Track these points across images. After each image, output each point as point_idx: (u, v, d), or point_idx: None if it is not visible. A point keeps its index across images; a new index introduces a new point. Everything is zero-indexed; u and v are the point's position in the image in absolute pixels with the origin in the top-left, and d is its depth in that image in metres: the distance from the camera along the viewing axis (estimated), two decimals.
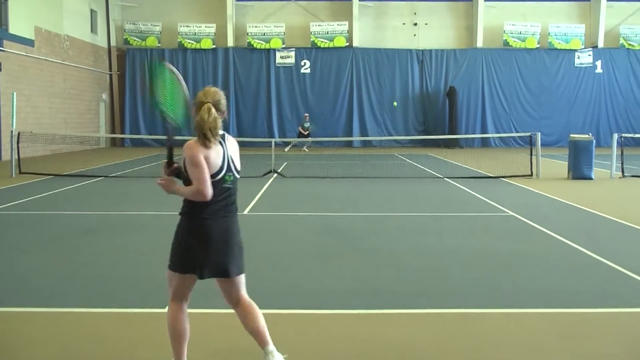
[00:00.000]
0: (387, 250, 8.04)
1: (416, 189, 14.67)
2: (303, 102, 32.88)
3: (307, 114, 30.26)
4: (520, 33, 32.68)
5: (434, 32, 33.48)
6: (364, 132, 32.47)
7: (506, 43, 32.78)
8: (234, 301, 3.95)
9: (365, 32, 33.32)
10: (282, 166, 19.54)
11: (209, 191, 3.63)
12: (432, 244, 8.43)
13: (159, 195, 13.54)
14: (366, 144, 32.56)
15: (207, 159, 3.64)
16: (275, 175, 16.67)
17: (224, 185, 3.74)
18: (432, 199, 12.99)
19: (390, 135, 32.01)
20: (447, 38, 33.65)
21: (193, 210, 3.74)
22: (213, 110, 3.65)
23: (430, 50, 33.06)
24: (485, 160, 22.42)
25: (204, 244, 3.72)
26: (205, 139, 3.62)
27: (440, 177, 16.95)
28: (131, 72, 32.81)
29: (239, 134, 31.54)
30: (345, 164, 21.14)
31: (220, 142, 3.72)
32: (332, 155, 26.20)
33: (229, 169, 3.76)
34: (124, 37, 32.73)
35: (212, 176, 3.66)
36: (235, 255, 3.83)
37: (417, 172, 18.61)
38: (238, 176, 3.87)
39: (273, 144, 18.45)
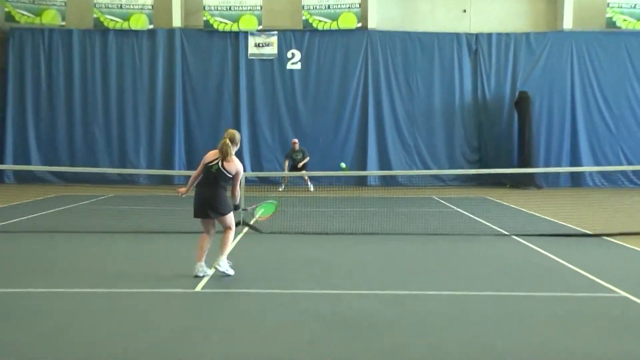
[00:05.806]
0: (421, 351, 6.40)
1: (467, 252, 12.33)
2: (290, 116, 25.94)
3: (295, 140, 23.75)
4: (635, 7, 25.25)
5: (495, 7, 26.21)
6: (384, 162, 25.80)
7: (611, 23, 25.48)
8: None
9: (388, 6, 26.06)
10: (256, 216, 16.56)
11: (195, 173, 9.00)
12: (494, 342, 6.63)
13: (57, 262, 11.48)
14: (389, 182, 25.74)
15: (205, 159, 8.88)
16: (245, 229, 14.06)
17: (211, 170, 8.69)
18: (493, 269, 10.77)
19: (427, 167, 25.80)
20: (515, 16, 26.60)
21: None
22: (227, 141, 8.59)
23: (490, 35, 25.76)
24: (578, 208, 18.77)
25: (195, 201, 9.00)
26: (219, 151, 8.91)
27: (506, 235, 14.30)
28: (17, 63, 25.47)
29: (188, 166, 24.54)
30: (355, 213, 17.59)
31: (221, 156, 8.79)
32: (334, 198, 21.02)
33: (215, 163, 8.68)
34: (6, 10, 25.08)
35: (206, 165, 8.79)
36: (214, 207, 8.73)
37: (470, 226, 16.01)
38: (224, 171, 8.55)
39: (243, 181, 14.63)
